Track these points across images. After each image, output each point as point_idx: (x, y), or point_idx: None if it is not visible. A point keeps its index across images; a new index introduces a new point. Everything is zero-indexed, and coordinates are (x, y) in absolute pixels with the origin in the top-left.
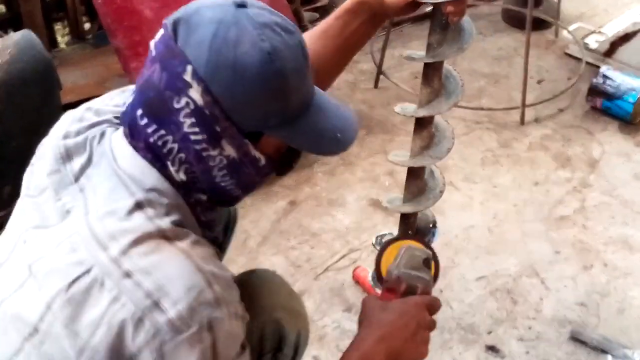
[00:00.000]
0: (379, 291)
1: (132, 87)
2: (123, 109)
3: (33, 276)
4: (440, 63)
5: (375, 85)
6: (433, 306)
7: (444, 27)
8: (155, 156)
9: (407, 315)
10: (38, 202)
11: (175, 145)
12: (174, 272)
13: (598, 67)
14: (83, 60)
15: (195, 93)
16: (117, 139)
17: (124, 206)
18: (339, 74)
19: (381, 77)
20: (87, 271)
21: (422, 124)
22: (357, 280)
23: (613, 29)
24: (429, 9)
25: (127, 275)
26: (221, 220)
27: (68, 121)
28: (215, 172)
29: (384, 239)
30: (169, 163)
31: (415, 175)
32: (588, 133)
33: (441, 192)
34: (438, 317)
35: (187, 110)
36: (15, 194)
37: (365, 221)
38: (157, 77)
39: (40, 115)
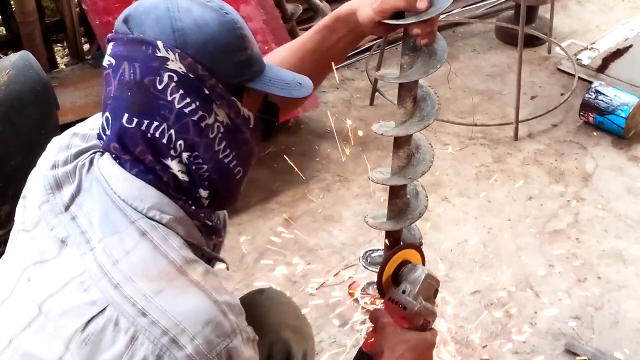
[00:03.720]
0: (367, 301)
1: None
2: (99, 132)
3: (44, 315)
4: (413, 84)
5: (371, 103)
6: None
7: (413, 49)
8: (155, 156)
9: (424, 356)
10: (33, 236)
11: (173, 131)
12: (190, 306)
13: (590, 82)
14: (82, 80)
15: (174, 62)
16: (106, 163)
17: (128, 235)
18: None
19: (376, 94)
20: (102, 311)
21: (398, 143)
22: (353, 296)
23: (605, 45)
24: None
25: (143, 314)
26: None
27: (55, 150)
28: (216, 145)
29: (374, 255)
30: (169, 158)
31: (394, 194)
32: (581, 148)
33: (421, 213)
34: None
35: (172, 85)
36: (13, 213)
37: (360, 237)
38: (130, 72)
39: (38, 135)
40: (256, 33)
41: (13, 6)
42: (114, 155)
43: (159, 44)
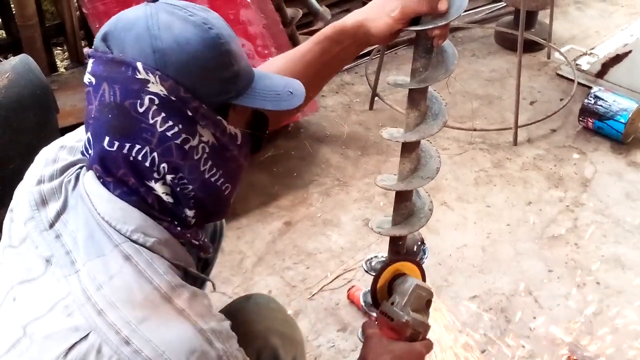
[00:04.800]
0: (373, 314)
1: None
2: (83, 151)
3: (29, 337)
4: (426, 87)
5: (370, 107)
6: (429, 352)
7: (428, 51)
8: (138, 179)
9: None
10: (20, 252)
11: (155, 154)
12: (174, 336)
13: (590, 87)
14: (82, 84)
15: (155, 85)
16: (90, 182)
17: (112, 259)
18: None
19: (376, 99)
20: (84, 337)
21: (410, 147)
22: (352, 300)
23: (604, 51)
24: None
25: (126, 342)
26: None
27: (42, 164)
28: (202, 166)
29: (374, 263)
30: (154, 180)
31: (404, 197)
32: (580, 153)
33: (430, 210)
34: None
35: (154, 108)
36: None
37: (359, 241)
38: (110, 94)
39: (37, 138)
40: (256, 37)
41: (13, 9)
42: (97, 175)
43: (139, 65)
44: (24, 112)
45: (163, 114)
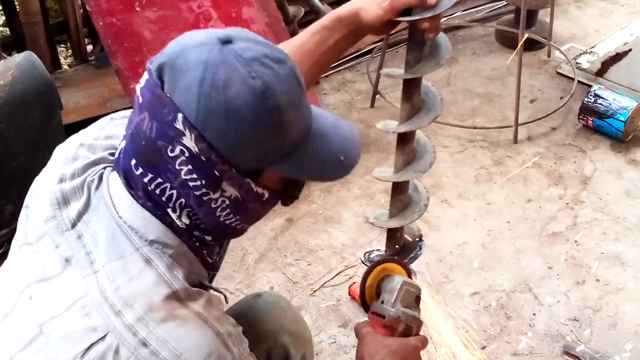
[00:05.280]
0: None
1: (121, 114)
2: (116, 155)
3: (45, 336)
4: (419, 79)
5: (372, 105)
6: (424, 347)
7: (420, 44)
8: (155, 204)
9: (408, 359)
10: (37, 250)
11: (175, 192)
12: (191, 339)
13: (590, 86)
14: (85, 81)
15: (189, 141)
16: (115, 185)
17: (133, 262)
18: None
19: (377, 96)
20: (102, 338)
21: (404, 139)
22: (353, 297)
23: (604, 49)
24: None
25: (144, 344)
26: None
27: (61, 161)
28: (218, 212)
29: (373, 255)
30: (169, 210)
31: (399, 190)
32: (580, 151)
33: (425, 205)
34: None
35: (182, 158)
36: (16, 213)
37: (361, 238)
38: (147, 126)
39: (41, 135)
40: (258, 35)
41: (17, 7)
42: (123, 181)
43: (179, 117)
44: (28, 109)
45: (189, 167)
